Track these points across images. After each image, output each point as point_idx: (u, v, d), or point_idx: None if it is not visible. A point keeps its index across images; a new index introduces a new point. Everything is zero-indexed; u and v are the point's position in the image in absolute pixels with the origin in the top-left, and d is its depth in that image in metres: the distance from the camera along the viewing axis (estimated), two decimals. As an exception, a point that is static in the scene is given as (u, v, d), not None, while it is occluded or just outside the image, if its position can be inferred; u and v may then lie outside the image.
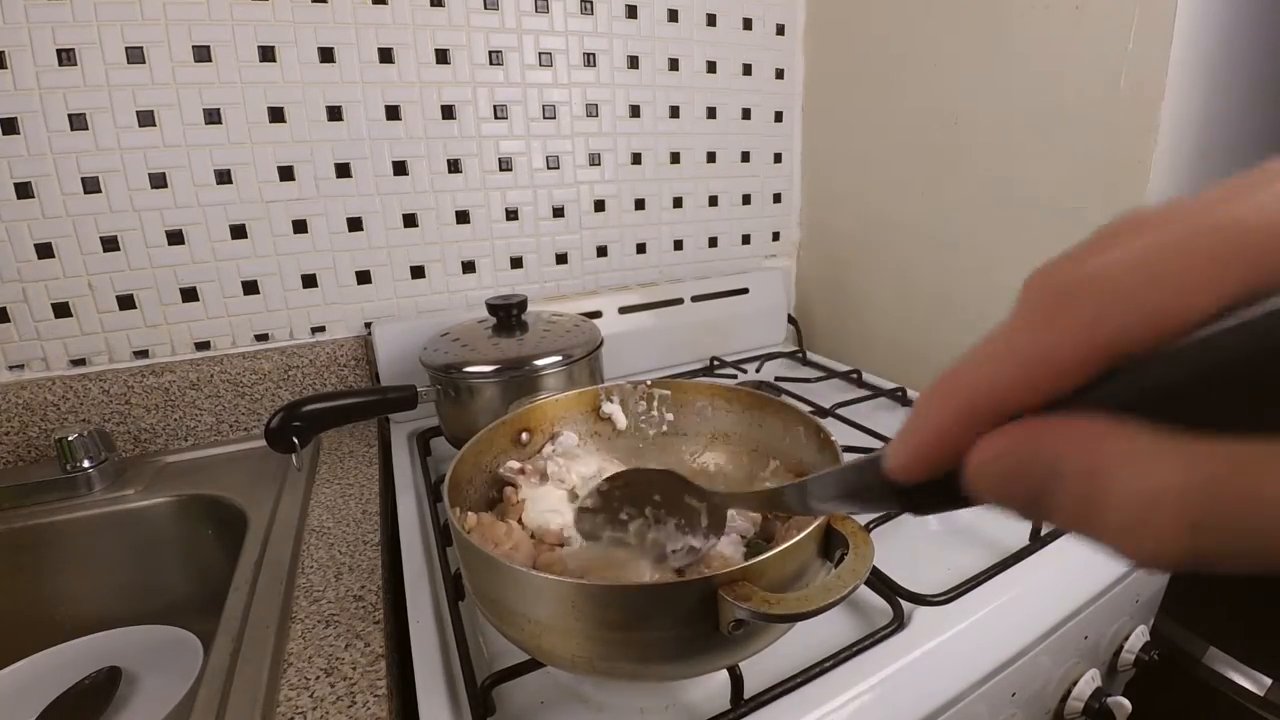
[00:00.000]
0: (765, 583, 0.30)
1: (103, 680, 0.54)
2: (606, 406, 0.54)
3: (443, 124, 0.80)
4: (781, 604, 0.29)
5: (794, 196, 1.11)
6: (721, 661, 0.34)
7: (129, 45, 0.65)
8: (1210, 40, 0.65)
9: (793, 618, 0.29)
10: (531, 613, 0.33)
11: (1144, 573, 0.53)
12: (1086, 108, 0.69)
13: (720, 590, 0.29)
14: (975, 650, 0.43)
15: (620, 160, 0.93)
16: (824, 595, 0.29)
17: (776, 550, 0.31)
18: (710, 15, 0.94)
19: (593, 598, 0.31)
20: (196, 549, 0.65)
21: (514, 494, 0.45)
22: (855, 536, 0.32)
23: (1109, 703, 0.50)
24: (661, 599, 0.31)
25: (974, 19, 0.78)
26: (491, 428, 0.47)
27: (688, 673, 0.34)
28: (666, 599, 0.30)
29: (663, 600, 0.31)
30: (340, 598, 0.47)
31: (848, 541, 0.32)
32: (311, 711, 0.37)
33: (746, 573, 0.30)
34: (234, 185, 0.72)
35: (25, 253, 0.65)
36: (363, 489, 0.63)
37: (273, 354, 0.76)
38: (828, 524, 0.34)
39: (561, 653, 0.33)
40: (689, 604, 0.30)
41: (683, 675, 0.35)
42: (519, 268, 0.90)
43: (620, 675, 0.34)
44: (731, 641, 0.31)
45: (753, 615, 0.28)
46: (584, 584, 0.32)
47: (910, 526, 0.54)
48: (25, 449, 0.67)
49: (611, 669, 0.33)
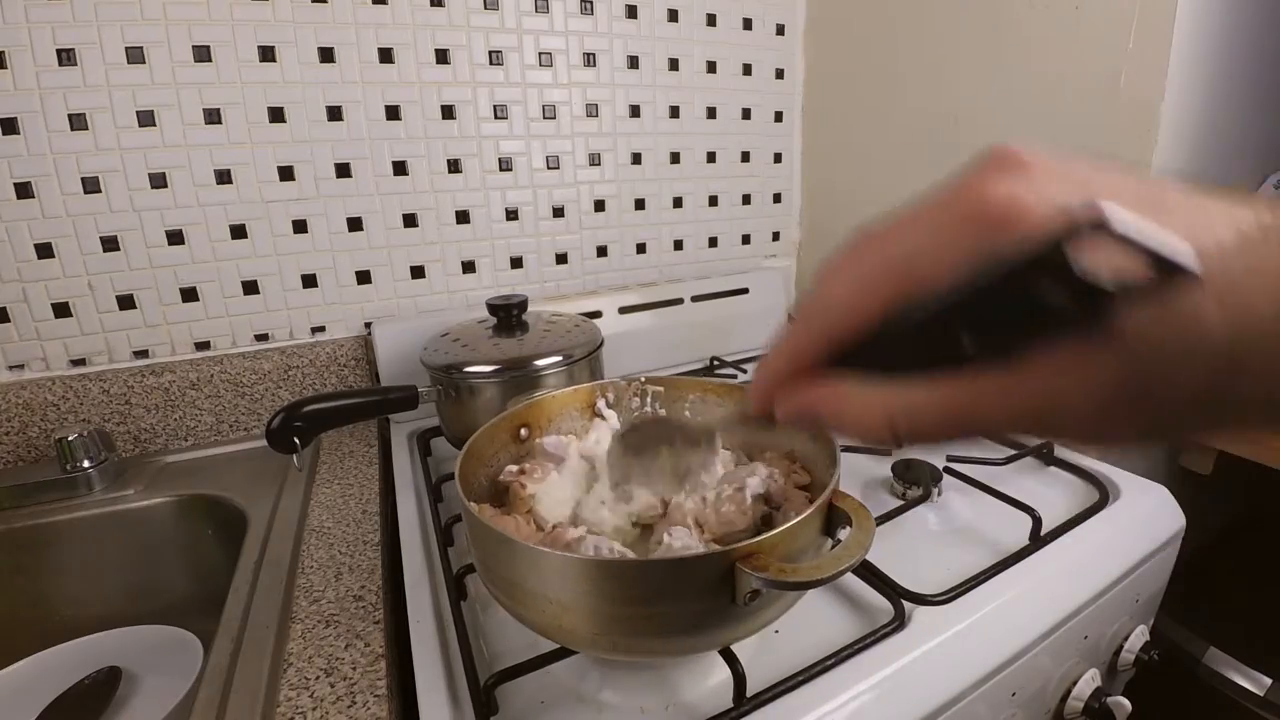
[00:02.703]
0: (777, 555, 0.32)
1: (103, 680, 0.54)
2: (601, 405, 0.55)
3: (443, 124, 0.80)
4: (797, 572, 0.31)
5: (794, 196, 1.11)
6: (734, 634, 0.35)
7: (129, 45, 0.65)
8: (1210, 40, 0.65)
9: (809, 584, 0.31)
10: (552, 593, 0.33)
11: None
12: (1086, 108, 0.69)
13: (738, 563, 0.31)
14: (975, 650, 0.43)
15: (620, 160, 0.93)
16: (834, 564, 0.31)
17: (785, 526, 0.33)
18: (710, 15, 0.94)
19: (615, 573, 0.33)
20: (196, 549, 0.65)
21: (521, 490, 0.45)
22: (857, 513, 0.34)
23: (1109, 703, 0.50)
24: (681, 572, 0.32)
25: (974, 19, 0.79)
26: (492, 423, 0.48)
27: (704, 645, 0.36)
28: (686, 572, 0.32)
29: (683, 573, 0.32)
30: (340, 598, 0.47)
31: (849, 518, 0.34)
32: (311, 711, 0.37)
33: (760, 546, 0.32)
34: (234, 185, 0.72)
35: (25, 253, 0.65)
36: (363, 489, 0.63)
37: (273, 354, 0.76)
38: (830, 502, 0.35)
39: (583, 632, 0.34)
40: (708, 576, 0.31)
41: (700, 649, 0.36)
42: (519, 268, 0.90)
43: (639, 651, 0.35)
44: (746, 613, 0.33)
45: (770, 584, 0.30)
46: (606, 560, 0.34)
47: (911, 527, 0.54)
48: (25, 449, 0.67)
49: (632, 645, 0.34)
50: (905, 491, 0.58)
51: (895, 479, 0.59)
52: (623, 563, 0.34)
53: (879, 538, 0.49)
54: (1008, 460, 0.61)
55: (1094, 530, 0.53)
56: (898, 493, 0.59)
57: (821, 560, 0.31)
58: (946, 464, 0.60)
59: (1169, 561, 0.57)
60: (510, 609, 0.37)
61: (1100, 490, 0.57)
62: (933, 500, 0.56)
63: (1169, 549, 0.56)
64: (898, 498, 0.58)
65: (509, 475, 0.47)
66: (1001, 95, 0.77)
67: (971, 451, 0.63)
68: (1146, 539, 0.54)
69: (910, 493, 0.58)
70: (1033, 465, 0.63)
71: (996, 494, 0.55)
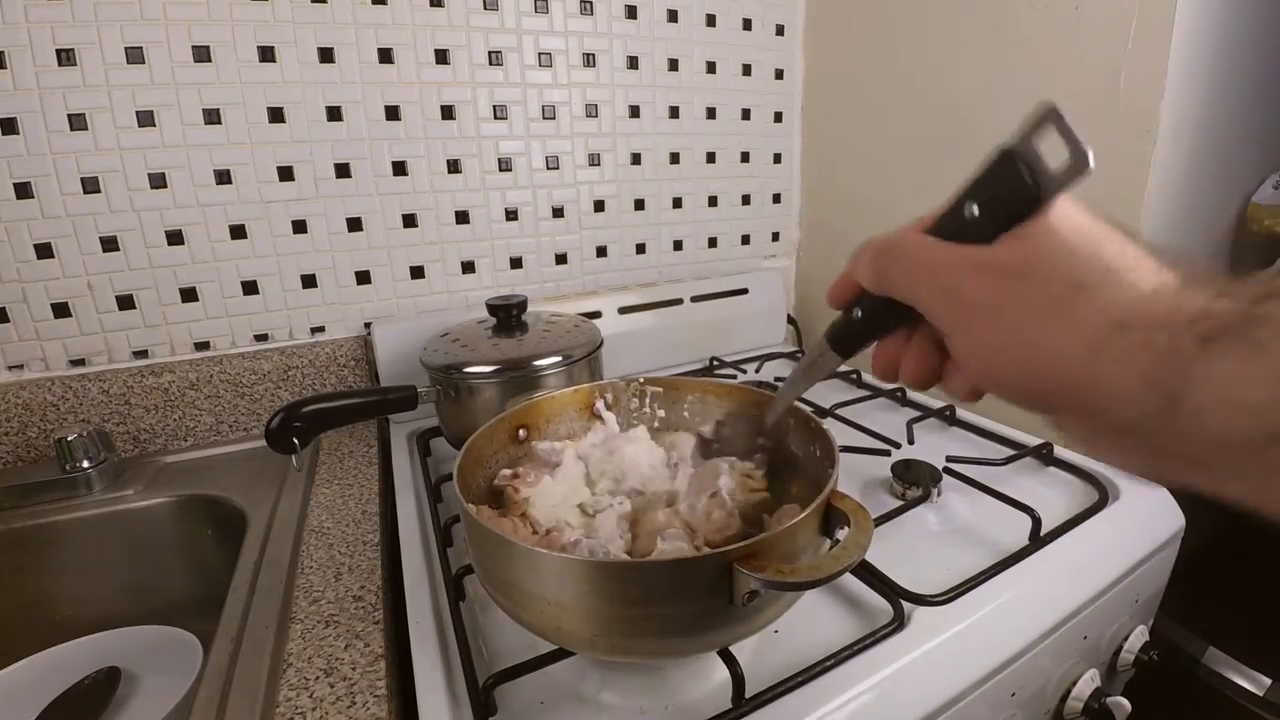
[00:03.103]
0: (775, 556, 0.32)
1: (103, 680, 0.54)
2: (599, 406, 0.55)
3: (442, 124, 0.80)
4: (795, 573, 0.31)
5: (794, 196, 1.11)
6: (732, 635, 0.35)
7: (129, 45, 0.65)
8: (1210, 40, 0.65)
9: (807, 585, 0.31)
10: (551, 595, 0.34)
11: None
12: (1086, 108, 0.69)
13: (736, 564, 0.31)
14: (975, 650, 0.43)
15: (620, 160, 0.93)
16: (834, 564, 0.31)
17: (784, 527, 0.33)
18: (710, 15, 0.94)
19: (614, 575, 0.33)
20: (196, 549, 0.66)
21: (514, 494, 0.45)
22: (856, 513, 0.34)
23: (1109, 703, 0.50)
24: (680, 573, 0.32)
25: (974, 19, 0.78)
26: (490, 424, 0.48)
27: (702, 647, 0.36)
28: (685, 573, 0.32)
29: (682, 574, 0.32)
30: (340, 598, 0.47)
31: (847, 518, 0.34)
32: (311, 711, 0.37)
33: (759, 546, 0.32)
34: (234, 185, 0.72)
35: (25, 253, 0.65)
36: (362, 489, 0.63)
37: (272, 354, 0.76)
38: (828, 502, 0.35)
39: (582, 633, 0.34)
40: (706, 577, 0.32)
41: (698, 650, 0.36)
42: (519, 268, 0.90)
43: (638, 653, 0.35)
44: (744, 614, 0.33)
45: (768, 585, 0.30)
46: (606, 562, 0.34)
47: (911, 527, 0.54)
48: (25, 449, 0.67)
49: (631, 646, 0.34)
50: (905, 492, 0.58)
51: (895, 479, 0.59)
52: (623, 564, 0.34)
53: (878, 538, 0.49)
54: (1007, 460, 0.61)
55: (1094, 530, 0.53)
56: (897, 493, 0.59)
57: (820, 560, 0.32)
58: (946, 464, 0.60)
59: (1169, 561, 0.57)
60: (509, 610, 0.37)
61: (1100, 490, 0.57)
62: (932, 500, 0.56)
63: (1169, 549, 0.56)
64: (897, 498, 0.58)
65: (503, 479, 0.47)
66: (1002, 95, 0.77)
67: (971, 452, 0.63)
68: (1146, 539, 0.54)
69: (910, 493, 0.58)
70: (1032, 465, 0.63)
71: (996, 494, 0.55)
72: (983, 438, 0.69)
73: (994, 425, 0.71)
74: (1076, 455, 0.63)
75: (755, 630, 0.36)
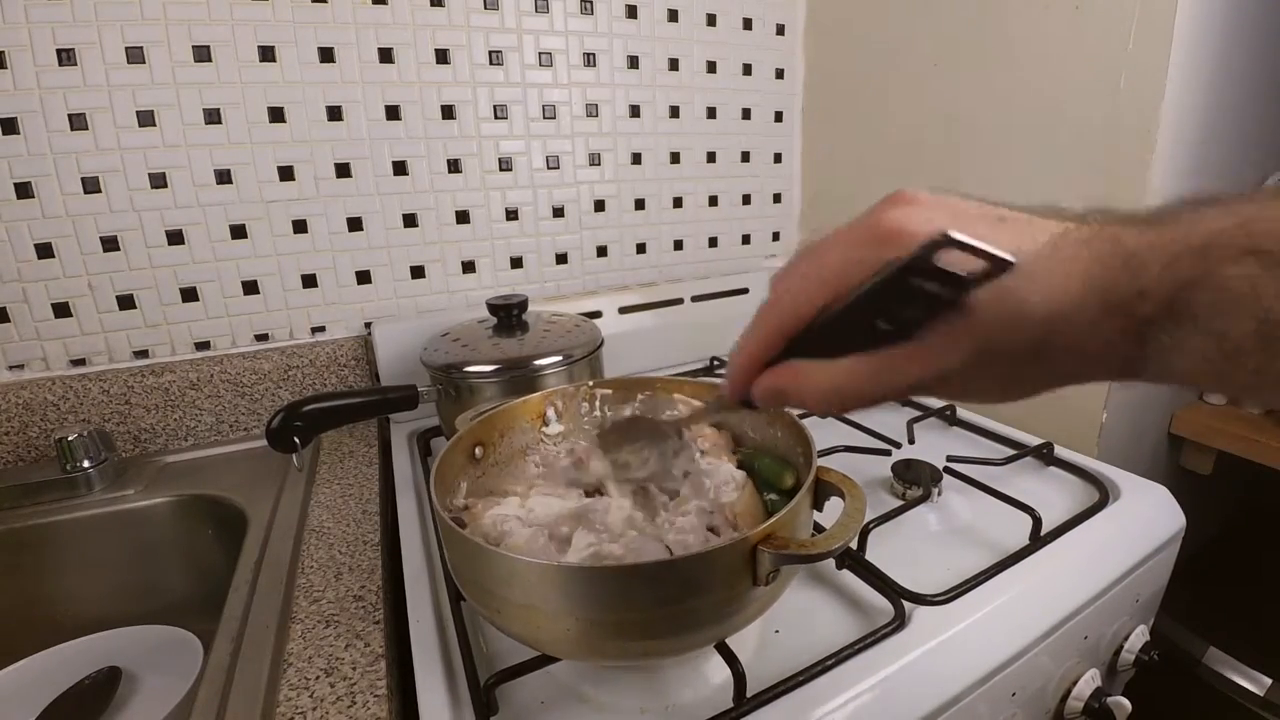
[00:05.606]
0: (787, 533, 0.34)
1: (103, 680, 0.54)
2: (550, 414, 0.53)
3: (443, 124, 0.80)
4: (814, 545, 0.33)
5: (794, 197, 1.11)
6: (755, 613, 0.36)
7: (129, 45, 0.65)
8: (1210, 40, 0.65)
9: (826, 555, 0.33)
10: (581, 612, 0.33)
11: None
12: (1086, 108, 0.69)
13: (758, 546, 0.33)
14: (975, 650, 0.43)
15: (620, 160, 0.93)
16: (843, 534, 0.33)
17: (789, 507, 0.35)
18: (710, 15, 0.94)
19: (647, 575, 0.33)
20: (196, 549, 0.65)
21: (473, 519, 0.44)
22: (845, 484, 0.37)
23: (1109, 703, 0.50)
24: (709, 564, 0.33)
25: (974, 19, 0.79)
26: (449, 447, 0.45)
27: (730, 630, 0.36)
28: (713, 563, 0.33)
29: (710, 565, 0.33)
30: (340, 598, 0.47)
31: (839, 489, 0.37)
32: (311, 711, 0.37)
33: (775, 527, 0.34)
34: (234, 185, 0.72)
35: (25, 253, 0.65)
36: (363, 489, 0.63)
37: (273, 354, 0.76)
38: (818, 478, 0.38)
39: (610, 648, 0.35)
40: (732, 563, 0.33)
41: (725, 634, 0.37)
42: (519, 268, 0.90)
43: (635, 654, 0.36)
44: (764, 593, 0.35)
45: (794, 560, 0.33)
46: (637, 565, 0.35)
47: (911, 527, 0.54)
48: (25, 449, 0.67)
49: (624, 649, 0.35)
50: (905, 492, 0.58)
51: (895, 479, 0.59)
52: (654, 564, 0.34)
53: (879, 538, 0.50)
54: (1007, 460, 0.61)
55: (1094, 530, 0.53)
56: (898, 493, 0.59)
57: (831, 532, 0.33)
58: (946, 464, 0.60)
59: (1169, 561, 0.57)
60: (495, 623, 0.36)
61: (1100, 490, 0.57)
62: (933, 500, 0.56)
63: (1169, 549, 0.56)
64: (898, 498, 0.58)
65: (454, 511, 0.44)
66: (1001, 95, 0.77)
67: (971, 452, 0.63)
68: (1146, 539, 0.54)
69: (910, 493, 0.58)
70: (1033, 465, 0.63)
71: (996, 494, 0.55)
72: (983, 437, 0.69)
73: (994, 425, 0.71)
74: (1077, 455, 0.63)
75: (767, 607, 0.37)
